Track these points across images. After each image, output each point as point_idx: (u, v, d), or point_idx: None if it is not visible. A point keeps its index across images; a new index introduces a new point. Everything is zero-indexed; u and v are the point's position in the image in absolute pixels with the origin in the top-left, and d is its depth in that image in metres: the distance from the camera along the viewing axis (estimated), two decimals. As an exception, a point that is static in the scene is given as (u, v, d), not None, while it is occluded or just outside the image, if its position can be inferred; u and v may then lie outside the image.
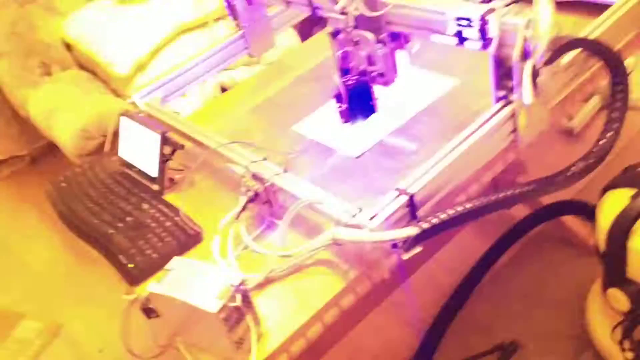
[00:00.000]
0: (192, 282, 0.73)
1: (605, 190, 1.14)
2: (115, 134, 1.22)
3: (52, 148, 2.43)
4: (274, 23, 1.33)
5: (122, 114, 1.14)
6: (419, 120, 1.07)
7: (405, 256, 0.73)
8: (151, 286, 0.74)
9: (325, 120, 1.07)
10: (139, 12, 2.01)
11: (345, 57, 0.97)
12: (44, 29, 2.19)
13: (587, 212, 1.35)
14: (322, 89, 1.26)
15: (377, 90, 1.02)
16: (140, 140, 1.11)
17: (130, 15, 2.02)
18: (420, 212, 0.79)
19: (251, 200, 0.91)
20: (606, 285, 1.09)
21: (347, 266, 0.82)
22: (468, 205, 0.77)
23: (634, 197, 1.01)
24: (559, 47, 0.78)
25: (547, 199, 1.49)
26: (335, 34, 0.96)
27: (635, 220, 0.98)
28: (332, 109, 1.07)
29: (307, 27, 1.68)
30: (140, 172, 1.11)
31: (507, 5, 0.77)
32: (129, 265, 0.92)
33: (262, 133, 1.18)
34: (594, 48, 0.87)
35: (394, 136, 1.05)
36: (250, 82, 1.42)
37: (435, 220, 0.75)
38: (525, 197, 0.81)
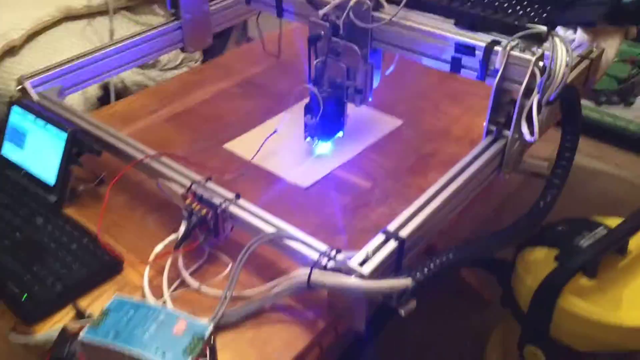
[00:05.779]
0: (145, 329, 0.56)
1: (520, 247, 1.16)
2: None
3: None
4: (214, 20, 1.20)
5: (15, 103, 0.91)
6: (368, 157, 1.00)
7: (403, 312, 0.63)
8: (86, 334, 0.55)
9: (261, 142, 0.95)
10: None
11: (319, 67, 0.87)
12: None
13: (488, 265, 1.37)
14: (254, 106, 1.15)
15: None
16: (35, 137, 0.89)
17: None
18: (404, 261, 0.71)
19: (194, 227, 0.76)
20: (524, 342, 1.09)
21: (313, 315, 0.71)
22: (455, 254, 0.70)
23: (559, 258, 1.03)
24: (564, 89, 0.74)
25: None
26: (313, 41, 0.85)
27: (567, 280, 1.00)
28: (270, 129, 0.96)
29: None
30: (31, 178, 0.89)
31: (513, 39, 0.74)
32: (23, 296, 0.71)
33: (188, 147, 1.02)
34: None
35: (345, 171, 0.97)
36: (164, 89, 1.24)
37: (428, 270, 0.66)
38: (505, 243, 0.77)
